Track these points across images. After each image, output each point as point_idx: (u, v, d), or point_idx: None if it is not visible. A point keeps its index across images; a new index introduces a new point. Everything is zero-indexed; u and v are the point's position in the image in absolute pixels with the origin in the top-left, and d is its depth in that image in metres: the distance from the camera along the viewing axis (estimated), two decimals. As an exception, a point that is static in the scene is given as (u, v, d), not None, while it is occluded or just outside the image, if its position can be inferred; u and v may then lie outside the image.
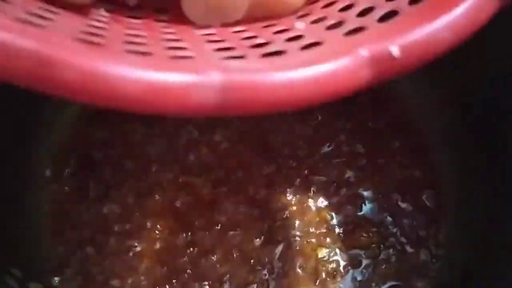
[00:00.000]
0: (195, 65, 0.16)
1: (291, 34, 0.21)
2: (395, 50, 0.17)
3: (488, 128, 0.35)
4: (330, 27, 0.21)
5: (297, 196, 0.39)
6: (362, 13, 0.21)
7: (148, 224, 0.38)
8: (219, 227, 0.38)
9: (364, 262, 0.37)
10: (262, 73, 0.15)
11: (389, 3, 0.21)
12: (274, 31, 0.22)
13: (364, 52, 0.16)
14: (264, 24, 0.23)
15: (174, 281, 0.37)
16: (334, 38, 0.19)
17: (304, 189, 0.39)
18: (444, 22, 0.17)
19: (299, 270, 0.37)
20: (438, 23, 0.17)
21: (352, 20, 0.21)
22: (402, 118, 0.40)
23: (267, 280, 0.37)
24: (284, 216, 0.38)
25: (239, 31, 0.22)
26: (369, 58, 0.16)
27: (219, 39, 0.21)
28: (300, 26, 0.21)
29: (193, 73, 0.14)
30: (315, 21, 0.22)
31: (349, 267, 0.37)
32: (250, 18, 0.23)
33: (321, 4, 0.24)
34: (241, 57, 0.18)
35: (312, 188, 0.39)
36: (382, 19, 0.19)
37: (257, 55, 0.18)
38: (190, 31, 0.22)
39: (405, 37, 0.17)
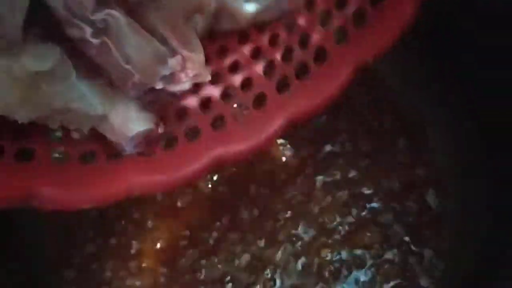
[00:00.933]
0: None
1: None
2: None
3: (493, 128, 0.35)
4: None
5: (300, 195, 0.38)
6: None
7: (149, 224, 0.38)
8: (220, 227, 0.38)
9: (368, 262, 0.37)
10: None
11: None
12: None
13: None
14: None
15: (175, 281, 0.36)
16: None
17: (307, 189, 0.39)
18: None
19: (302, 271, 0.37)
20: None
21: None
22: (405, 117, 0.40)
23: (269, 280, 0.36)
24: (287, 216, 0.38)
25: None
26: None
27: None
28: None
29: None
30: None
31: (353, 267, 0.37)
32: None
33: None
34: None
35: (315, 187, 0.39)
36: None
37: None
38: None
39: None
